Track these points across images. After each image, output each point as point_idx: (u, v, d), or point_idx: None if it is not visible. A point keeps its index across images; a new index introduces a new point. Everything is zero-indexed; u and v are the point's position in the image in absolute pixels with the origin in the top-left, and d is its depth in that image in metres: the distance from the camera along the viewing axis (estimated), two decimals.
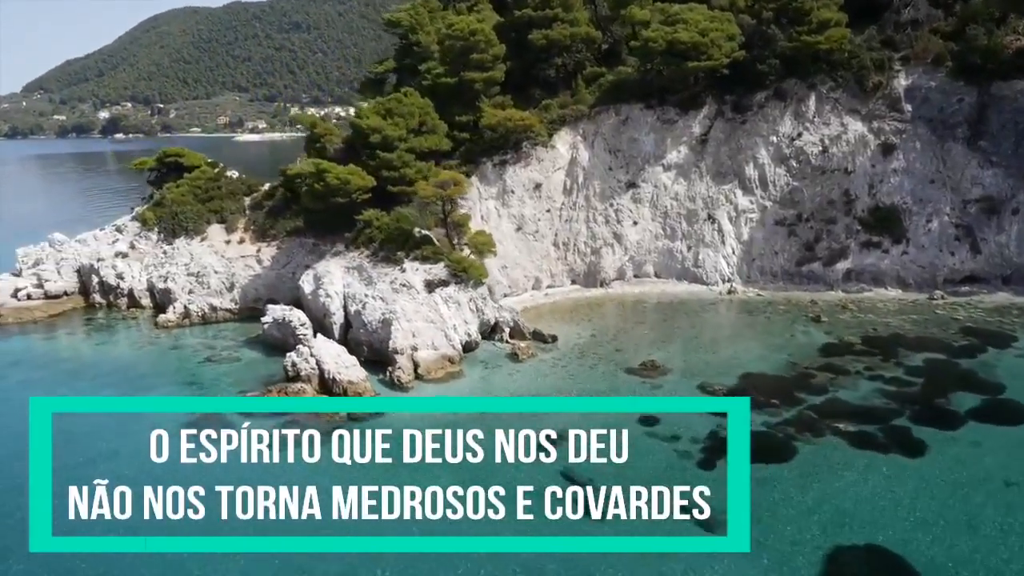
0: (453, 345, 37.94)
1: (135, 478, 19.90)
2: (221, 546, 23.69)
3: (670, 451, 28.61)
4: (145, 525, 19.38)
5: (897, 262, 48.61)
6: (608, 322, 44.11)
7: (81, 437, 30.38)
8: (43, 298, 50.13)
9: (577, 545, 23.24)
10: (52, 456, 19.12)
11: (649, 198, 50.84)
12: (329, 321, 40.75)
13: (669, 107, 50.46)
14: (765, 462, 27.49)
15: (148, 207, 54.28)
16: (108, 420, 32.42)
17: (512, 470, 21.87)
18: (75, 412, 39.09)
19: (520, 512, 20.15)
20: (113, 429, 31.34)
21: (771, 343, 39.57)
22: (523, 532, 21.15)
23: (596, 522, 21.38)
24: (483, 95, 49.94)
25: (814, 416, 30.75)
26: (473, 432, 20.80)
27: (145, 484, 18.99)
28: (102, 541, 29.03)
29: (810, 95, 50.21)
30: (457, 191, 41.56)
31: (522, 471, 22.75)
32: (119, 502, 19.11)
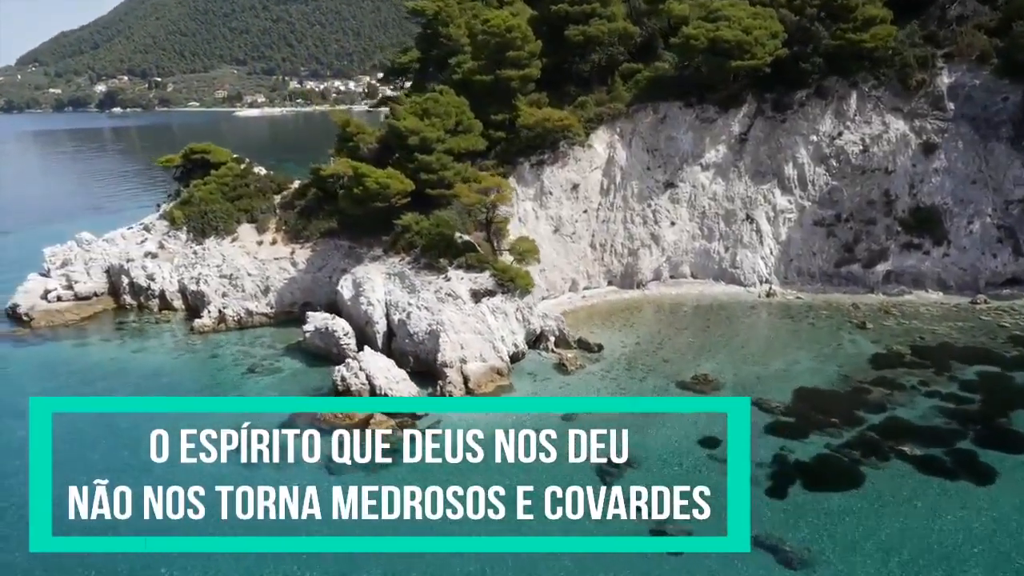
0: (501, 357, 37.53)
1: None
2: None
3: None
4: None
5: (938, 264, 48.12)
6: (650, 328, 43.66)
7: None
8: (73, 300, 49.49)
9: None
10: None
11: (687, 198, 50.13)
12: (372, 330, 40.25)
13: (708, 105, 49.52)
14: (835, 490, 27.39)
15: (175, 205, 53.40)
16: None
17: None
18: (77, 412, 39.49)
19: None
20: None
21: (820, 353, 39.19)
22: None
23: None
24: (519, 93, 48.93)
25: (876, 437, 30.47)
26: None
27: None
28: (102, 541, 29.39)
29: (851, 93, 49.29)
30: (501, 198, 40.83)
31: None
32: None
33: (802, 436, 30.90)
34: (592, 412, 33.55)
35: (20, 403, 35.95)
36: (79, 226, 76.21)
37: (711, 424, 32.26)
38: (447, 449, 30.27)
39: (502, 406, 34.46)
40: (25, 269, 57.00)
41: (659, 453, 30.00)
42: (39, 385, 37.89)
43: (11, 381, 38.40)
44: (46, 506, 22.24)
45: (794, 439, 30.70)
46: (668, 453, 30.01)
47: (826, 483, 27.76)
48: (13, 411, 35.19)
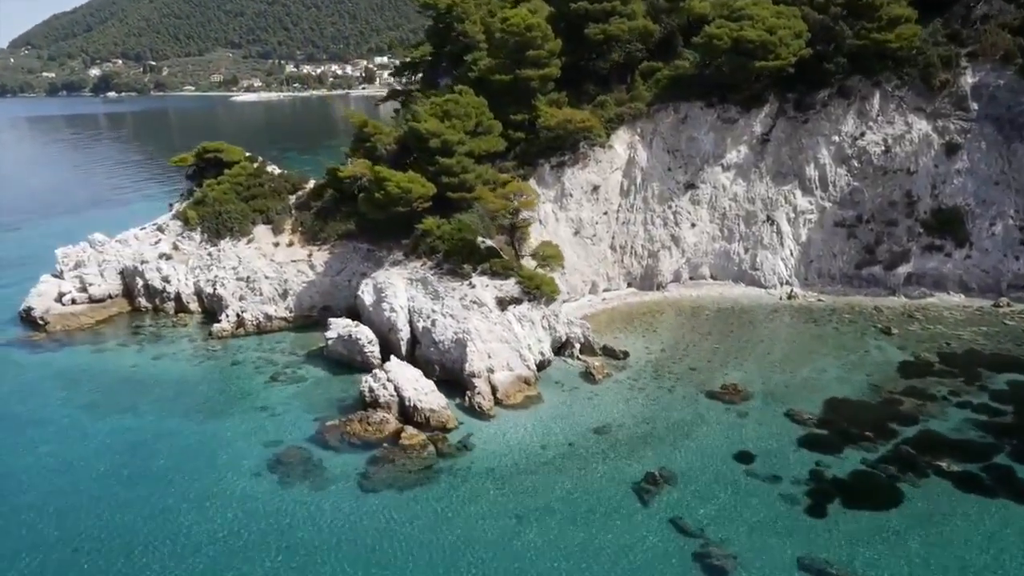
0: (528, 366, 37.23)
1: None
2: None
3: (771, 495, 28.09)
4: None
5: (960, 266, 47.86)
6: (673, 333, 43.36)
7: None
8: (87, 302, 49.00)
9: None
10: None
11: (707, 199, 49.69)
12: (396, 337, 39.89)
13: (730, 105, 48.94)
14: (874, 508, 27.22)
15: (189, 205, 52.75)
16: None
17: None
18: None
19: None
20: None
21: (847, 360, 38.98)
22: None
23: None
24: (538, 93, 48.26)
25: (912, 452, 30.27)
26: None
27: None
28: None
29: (874, 93, 48.76)
30: (526, 204, 40.33)
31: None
32: None
33: (836, 451, 30.71)
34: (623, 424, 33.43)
35: (42, 413, 35.80)
36: (85, 221, 75.72)
37: (743, 437, 32.16)
38: (480, 467, 30.42)
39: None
40: (35, 267, 56.53)
41: (695, 469, 29.79)
42: (60, 395, 37.53)
43: (32, 391, 37.95)
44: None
45: (829, 453, 30.52)
46: (704, 470, 29.77)
47: (865, 501, 27.55)
48: (35, 421, 34.89)
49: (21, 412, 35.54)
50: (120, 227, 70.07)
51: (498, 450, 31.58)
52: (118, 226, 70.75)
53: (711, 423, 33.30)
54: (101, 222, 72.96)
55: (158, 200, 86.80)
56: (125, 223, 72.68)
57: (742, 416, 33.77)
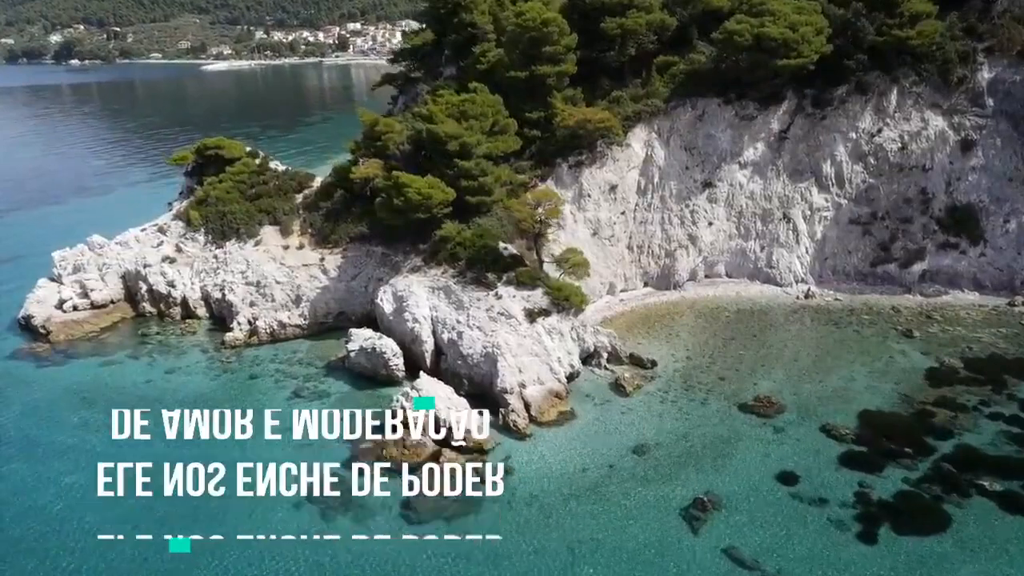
0: (559, 379, 36.70)
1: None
2: None
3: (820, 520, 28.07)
4: None
5: (975, 264, 48.06)
6: (697, 338, 43.04)
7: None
8: (89, 308, 47.32)
9: None
10: None
11: (724, 197, 49.16)
12: (420, 349, 39.08)
13: (748, 102, 48.18)
14: (923, 532, 27.33)
15: (191, 205, 50.92)
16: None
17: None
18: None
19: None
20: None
21: (873, 368, 39.02)
22: None
23: None
24: (554, 90, 47.05)
25: (952, 470, 30.42)
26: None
27: None
28: None
29: (892, 89, 48.30)
30: (552, 213, 39.42)
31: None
32: None
33: (877, 469, 30.76)
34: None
35: (61, 439, 34.52)
36: (71, 211, 73.53)
37: (783, 455, 32.09)
38: (523, 492, 29.96)
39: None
40: (26, 266, 55.06)
41: (740, 493, 29.65)
42: (76, 417, 36.12)
43: (46, 412, 36.58)
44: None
45: (871, 472, 30.56)
46: (749, 493, 29.64)
47: (913, 525, 27.65)
48: (56, 450, 33.64)
49: (39, 437, 34.22)
50: (108, 217, 68.13)
51: (539, 474, 31.16)
52: (105, 216, 68.86)
53: (748, 439, 33.16)
54: (88, 213, 71.20)
55: (142, 187, 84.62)
56: (112, 213, 70.90)
57: (778, 431, 33.67)
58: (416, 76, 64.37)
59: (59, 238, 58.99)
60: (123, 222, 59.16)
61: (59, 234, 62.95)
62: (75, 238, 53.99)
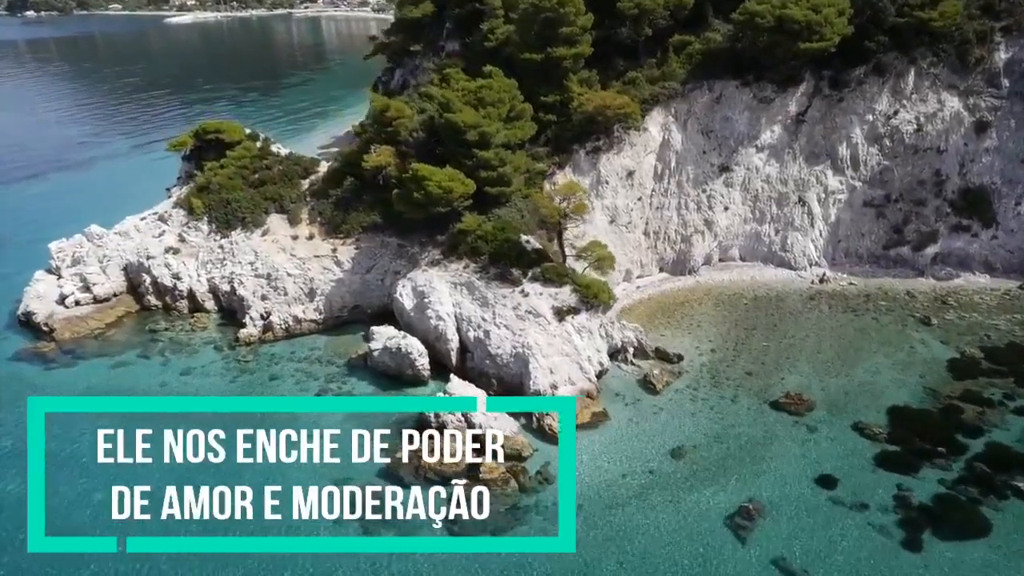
0: (589, 378, 36.44)
1: None
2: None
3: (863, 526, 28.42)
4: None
5: (986, 247, 48.39)
6: (718, 328, 42.93)
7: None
8: (92, 303, 45.71)
9: None
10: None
11: (740, 181, 48.62)
12: (445, 348, 38.45)
13: (766, 84, 47.28)
14: (965, 537, 27.87)
15: (192, 192, 49.04)
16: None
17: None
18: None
19: None
20: None
21: (896, 359, 39.31)
22: None
23: None
24: (570, 72, 45.66)
25: (985, 470, 30.94)
26: None
27: None
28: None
29: (909, 70, 47.69)
30: (579, 209, 38.56)
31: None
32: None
33: (913, 471, 31.16)
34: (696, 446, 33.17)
35: (84, 455, 33.34)
36: (56, 190, 70.71)
37: (819, 457, 32.31)
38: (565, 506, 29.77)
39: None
40: (16, 252, 53.17)
41: (781, 499, 29.86)
42: (94, 426, 34.94)
43: (68, 424, 35.18)
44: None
45: (907, 474, 30.95)
46: (790, 499, 29.86)
47: (955, 530, 28.13)
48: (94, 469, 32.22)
49: (76, 454, 32.90)
50: (96, 197, 66.08)
51: (579, 481, 30.96)
52: (94, 196, 66.70)
53: (783, 440, 33.35)
54: (75, 193, 68.60)
55: (126, 160, 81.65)
56: (100, 192, 68.67)
57: (811, 431, 33.89)
58: (415, 49, 62.31)
59: (48, 223, 57.23)
60: (114, 203, 57.37)
61: (47, 218, 61.02)
62: (65, 223, 52.19)
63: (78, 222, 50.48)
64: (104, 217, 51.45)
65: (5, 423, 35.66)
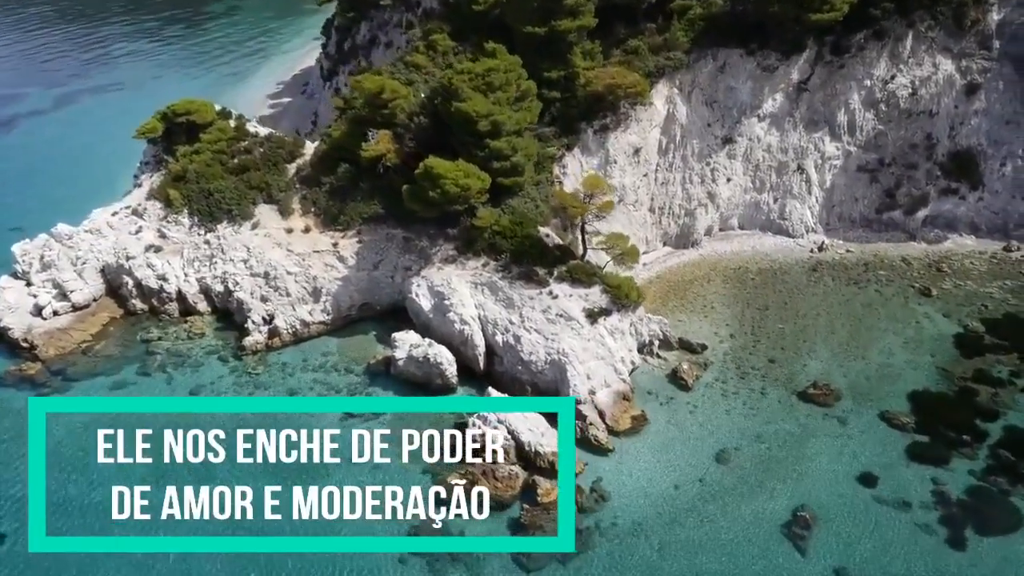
0: (623, 379, 36.33)
1: None
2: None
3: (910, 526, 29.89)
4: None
5: (972, 209, 49.78)
6: (731, 309, 43.19)
7: None
8: (71, 311, 42.38)
9: None
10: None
11: (743, 152, 48.09)
12: (472, 353, 37.49)
13: (770, 52, 46.13)
14: (1004, 532, 29.52)
15: (167, 182, 45.09)
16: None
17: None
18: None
19: None
20: None
21: (906, 337, 40.59)
22: None
23: None
24: (574, 46, 43.33)
25: (1009, 457, 32.74)
26: None
27: None
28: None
29: (907, 34, 47.32)
30: (604, 207, 37.27)
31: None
32: None
33: (944, 462, 32.72)
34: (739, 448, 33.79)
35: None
36: None
37: (855, 453, 33.46)
38: (626, 521, 30.15)
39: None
40: None
41: (829, 502, 30.95)
42: (118, 476, 32.56)
43: (79, 465, 32.92)
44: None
45: (939, 466, 32.48)
46: (837, 501, 30.98)
47: (993, 524, 29.84)
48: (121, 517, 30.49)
49: (96, 502, 30.99)
50: (32, 164, 59.96)
51: (633, 496, 31.32)
52: (28, 163, 60.51)
53: (819, 436, 34.32)
54: (13, 175, 61.86)
55: (51, 116, 74.28)
56: (35, 159, 62.32)
57: (843, 423, 34.96)
58: (386, 3, 57.86)
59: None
60: (63, 180, 52.52)
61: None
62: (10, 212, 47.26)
63: (23, 208, 45.92)
64: (56, 199, 47.24)
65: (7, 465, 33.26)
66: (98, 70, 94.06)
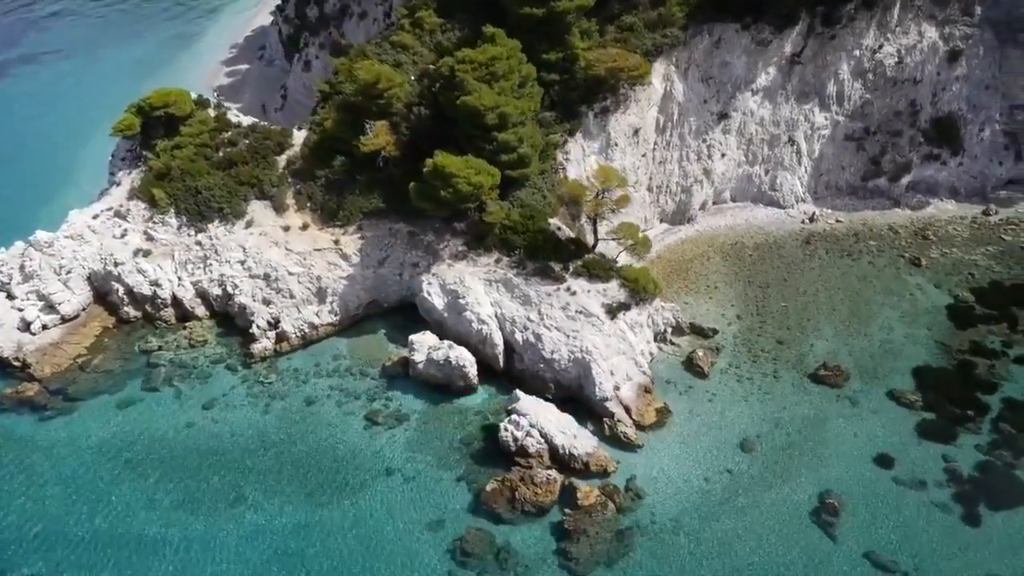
0: (643, 371, 36.84)
1: None
2: None
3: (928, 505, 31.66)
4: None
5: (953, 173, 51.30)
6: (734, 288, 43.99)
7: None
8: (60, 323, 40.39)
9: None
10: None
11: (736, 127, 48.16)
12: (492, 352, 37.38)
13: (764, 25, 45.78)
14: (1012, 506, 31.49)
15: (150, 181, 42.65)
16: None
17: None
18: None
19: None
20: None
21: (902, 310, 42.16)
22: None
23: None
24: (572, 26, 42.09)
25: (1011, 430, 34.74)
26: None
27: None
28: None
29: (896, 2, 47.46)
30: (621, 202, 36.92)
31: None
32: None
33: (952, 438, 34.55)
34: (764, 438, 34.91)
35: (134, 526, 30.94)
36: None
37: (869, 434, 34.96)
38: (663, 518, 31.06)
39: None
40: None
41: (851, 486, 32.41)
42: (134, 493, 31.84)
43: (91, 492, 31.76)
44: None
45: (948, 443, 34.30)
46: (858, 485, 32.48)
47: (1001, 499, 31.82)
48: (136, 543, 30.03)
49: (110, 530, 30.20)
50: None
51: (667, 492, 32.20)
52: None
53: (833, 418, 35.72)
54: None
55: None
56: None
57: (854, 404, 36.45)
58: None
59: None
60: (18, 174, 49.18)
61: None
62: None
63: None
64: (32, 201, 44.37)
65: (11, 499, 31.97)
66: (24, 34, 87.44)
